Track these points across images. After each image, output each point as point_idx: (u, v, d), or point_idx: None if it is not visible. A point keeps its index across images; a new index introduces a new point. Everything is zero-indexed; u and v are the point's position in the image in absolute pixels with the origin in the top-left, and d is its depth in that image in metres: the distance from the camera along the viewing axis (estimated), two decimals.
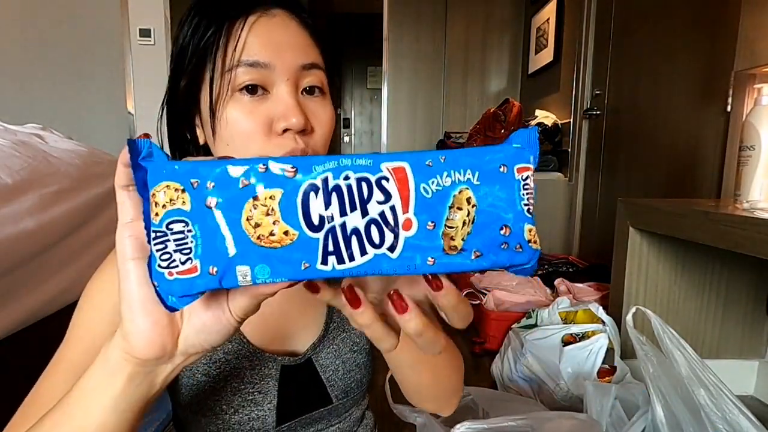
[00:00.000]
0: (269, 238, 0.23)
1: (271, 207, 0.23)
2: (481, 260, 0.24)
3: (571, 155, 2.70)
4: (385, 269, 0.24)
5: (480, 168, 0.24)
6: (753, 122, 1.07)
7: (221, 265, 0.23)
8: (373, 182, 0.23)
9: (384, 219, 0.23)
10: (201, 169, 0.24)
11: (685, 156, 1.78)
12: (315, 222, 0.23)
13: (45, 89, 2.86)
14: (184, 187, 0.23)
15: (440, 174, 0.24)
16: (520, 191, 0.25)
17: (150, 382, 0.30)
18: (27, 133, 1.36)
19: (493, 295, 1.81)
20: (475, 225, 0.24)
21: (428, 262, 0.24)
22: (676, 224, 1.10)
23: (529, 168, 0.25)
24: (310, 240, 0.23)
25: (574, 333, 1.31)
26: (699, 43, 1.69)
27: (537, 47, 3.34)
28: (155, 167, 0.24)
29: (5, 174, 1.01)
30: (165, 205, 0.23)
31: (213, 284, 0.24)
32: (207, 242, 0.23)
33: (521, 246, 0.25)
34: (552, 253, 2.72)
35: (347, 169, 0.23)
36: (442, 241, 0.24)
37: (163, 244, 0.24)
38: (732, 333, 1.37)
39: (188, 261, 0.23)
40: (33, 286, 1.00)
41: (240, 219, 0.23)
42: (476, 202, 0.24)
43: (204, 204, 0.23)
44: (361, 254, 0.23)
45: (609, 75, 2.38)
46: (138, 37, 2.80)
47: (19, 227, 0.96)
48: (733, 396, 0.70)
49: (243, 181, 0.23)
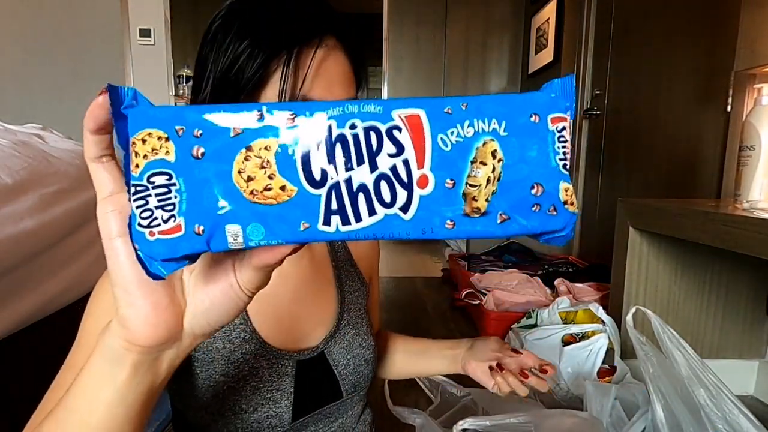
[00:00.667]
0: (264, 193, 0.20)
1: (267, 159, 0.20)
2: (508, 224, 0.21)
3: (571, 155, 2.69)
4: (397, 232, 0.21)
5: (508, 117, 0.21)
6: (753, 122, 1.07)
7: (208, 223, 0.21)
8: (383, 132, 0.20)
9: (396, 174, 0.20)
10: (188, 114, 0.21)
11: (685, 156, 1.78)
12: (316, 177, 0.20)
13: (45, 89, 2.86)
14: (168, 134, 0.20)
15: (461, 123, 0.21)
16: (554, 144, 0.21)
17: (156, 369, 0.27)
18: (27, 133, 1.36)
19: (493, 295, 1.81)
20: (501, 183, 0.21)
21: (447, 226, 0.21)
22: (676, 224, 1.10)
23: (564, 119, 0.22)
24: (311, 197, 0.20)
25: (574, 333, 1.31)
26: (699, 43, 1.70)
27: (537, 47, 3.34)
28: (136, 113, 0.21)
29: (5, 174, 1.01)
30: (146, 155, 0.20)
31: (200, 246, 0.21)
32: (192, 197, 0.21)
33: (555, 208, 0.21)
34: (552, 253, 2.72)
35: (354, 117, 0.20)
36: (463, 202, 0.21)
37: (143, 200, 0.21)
38: (732, 333, 1.37)
39: (171, 219, 0.21)
40: (33, 286, 1.00)
41: (231, 171, 0.20)
42: (503, 156, 0.21)
43: (190, 154, 0.20)
44: (369, 214, 0.20)
45: (609, 75, 2.38)
46: (138, 37, 2.80)
47: (19, 227, 0.96)
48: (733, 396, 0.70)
49: (235, 129, 0.20)
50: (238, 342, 0.51)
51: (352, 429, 0.61)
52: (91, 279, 1.25)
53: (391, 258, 3.40)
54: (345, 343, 0.57)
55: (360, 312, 0.61)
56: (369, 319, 0.63)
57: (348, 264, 0.63)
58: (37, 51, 2.84)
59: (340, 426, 0.59)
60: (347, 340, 0.58)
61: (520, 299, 1.78)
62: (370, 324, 0.63)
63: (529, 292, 1.86)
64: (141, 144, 0.21)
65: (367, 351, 0.59)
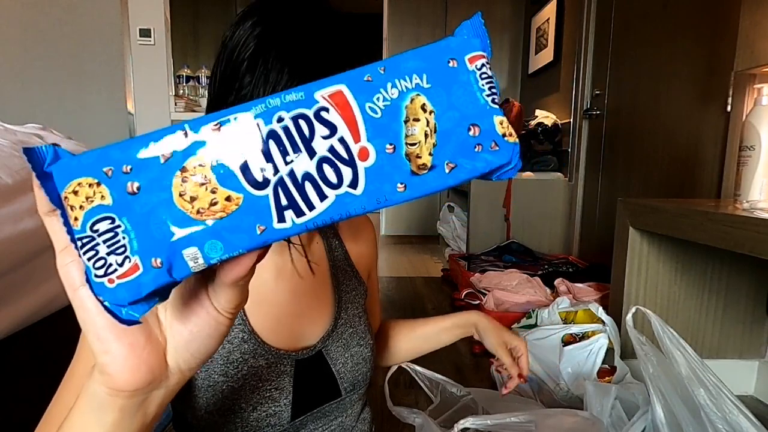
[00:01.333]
0: (210, 209, 0.20)
1: (204, 175, 0.20)
2: (457, 171, 0.21)
3: (571, 155, 2.70)
4: (353, 209, 0.21)
5: (427, 69, 0.21)
6: (753, 122, 1.07)
7: (164, 254, 0.20)
8: (311, 116, 0.20)
9: (335, 154, 0.20)
10: (111, 153, 0.20)
11: (685, 156, 1.78)
12: (258, 178, 0.20)
13: (45, 89, 2.86)
14: (98, 179, 0.20)
15: (384, 87, 0.21)
16: (478, 83, 0.21)
17: (144, 411, 0.26)
18: (27, 133, 1.36)
19: (493, 295, 1.82)
20: (439, 133, 0.21)
21: (399, 189, 0.21)
22: (676, 224, 1.10)
23: (481, 56, 0.22)
24: (259, 199, 0.20)
25: (574, 333, 1.31)
26: (699, 43, 1.70)
27: (537, 47, 3.34)
28: (59, 168, 0.20)
29: (5, 174, 1.01)
30: (82, 206, 0.20)
31: (162, 278, 0.20)
32: (141, 233, 0.20)
33: (497, 143, 0.21)
34: (552, 253, 2.72)
35: (278, 110, 0.20)
36: (408, 162, 0.21)
37: (93, 251, 0.20)
38: (732, 333, 1.37)
39: (126, 260, 0.20)
40: (33, 286, 1.00)
41: (171, 198, 0.20)
42: (432, 107, 0.21)
43: (125, 192, 0.20)
44: (320, 200, 0.20)
45: (609, 75, 2.38)
46: (138, 37, 2.80)
47: (19, 227, 0.96)
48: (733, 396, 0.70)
49: (163, 155, 0.20)
50: (237, 342, 0.51)
51: (351, 428, 0.61)
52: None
53: (391, 258, 3.40)
54: (343, 342, 0.58)
55: (357, 311, 0.62)
56: (367, 318, 0.63)
57: (345, 263, 0.64)
58: (37, 51, 2.84)
59: (339, 425, 0.59)
60: (345, 338, 0.58)
61: (520, 299, 1.78)
62: (368, 323, 0.63)
63: (529, 292, 1.86)
64: (74, 196, 0.20)
65: (365, 349, 0.59)
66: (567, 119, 2.76)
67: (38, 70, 2.85)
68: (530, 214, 2.73)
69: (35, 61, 2.84)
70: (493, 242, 2.72)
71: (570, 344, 1.29)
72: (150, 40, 2.80)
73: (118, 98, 2.87)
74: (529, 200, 2.71)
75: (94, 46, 2.87)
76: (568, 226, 2.75)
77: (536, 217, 2.74)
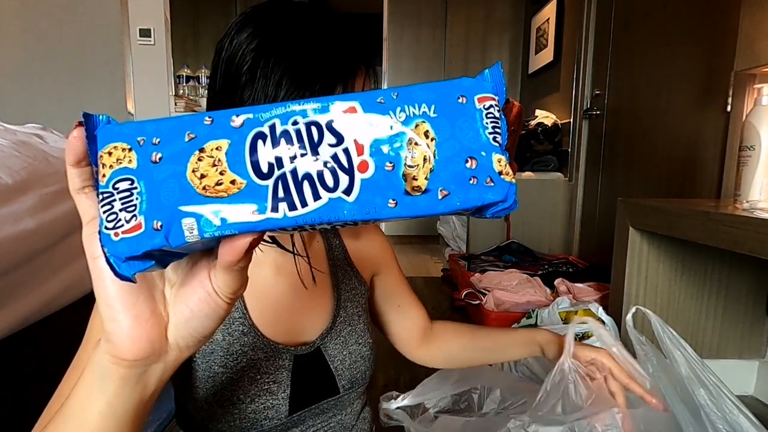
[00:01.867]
0: (215, 188, 0.22)
1: (218, 158, 0.22)
2: (449, 199, 0.22)
3: (571, 155, 2.70)
4: (342, 214, 0.22)
5: (437, 101, 0.23)
6: (753, 122, 1.07)
7: (165, 218, 0.22)
8: (323, 125, 0.22)
9: (337, 162, 0.22)
10: (147, 126, 0.23)
11: (685, 156, 1.78)
12: (264, 170, 0.22)
13: (45, 89, 2.86)
14: (131, 145, 0.23)
15: (393, 110, 0.22)
16: (482, 120, 0.23)
17: (144, 383, 0.28)
18: (27, 133, 1.36)
19: (493, 295, 1.82)
20: (438, 161, 0.22)
21: (390, 204, 0.22)
22: (676, 224, 1.10)
23: (492, 98, 0.23)
24: (259, 187, 0.22)
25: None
26: (699, 43, 1.70)
27: (537, 47, 3.34)
28: (103, 132, 0.23)
29: (5, 174, 1.01)
30: (112, 166, 0.23)
31: (159, 241, 0.22)
32: (152, 197, 0.22)
33: (492, 179, 0.22)
34: (552, 253, 2.73)
35: (296, 115, 0.22)
36: (403, 182, 0.22)
37: (109, 205, 0.23)
38: (732, 333, 1.37)
39: (133, 218, 0.22)
40: (33, 286, 1.00)
41: (185, 171, 0.22)
42: (435, 135, 0.22)
43: (150, 160, 0.22)
44: (314, 199, 0.22)
45: (609, 75, 2.38)
46: (138, 37, 2.80)
47: (19, 227, 0.96)
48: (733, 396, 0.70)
49: (189, 134, 0.23)
50: (237, 334, 0.52)
51: (351, 426, 0.62)
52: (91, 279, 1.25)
53: None
54: (341, 340, 0.59)
55: (357, 310, 0.62)
56: (367, 318, 0.64)
57: (345, 263, 0.64)
58: (37, 51, 2.84)
59: (338, 422, 0.60)
60: (343, 336, 0.59)
61: (520, 299, 1.78)
62: (368, 322, 0.64)
63: (529, 292, 1.86)
64: (107, 156, 0.23)
65: (363, 348, 0.60)
66: (567, 119, 2.76)
67: (38, 70, 2.85)
68: (530, 214, 2.73)
69: (35, 61, 2.84)
70: (493, 242, 2.72)
71: None
72: (150, 40, 2.80)
73: (118, 98, 2.87)
74: (529, 200, 2.71)
75: (94, 46, 2.87)
76: (568, 226, 2.76)
77: (536, 217, 2.74)
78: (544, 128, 2.84)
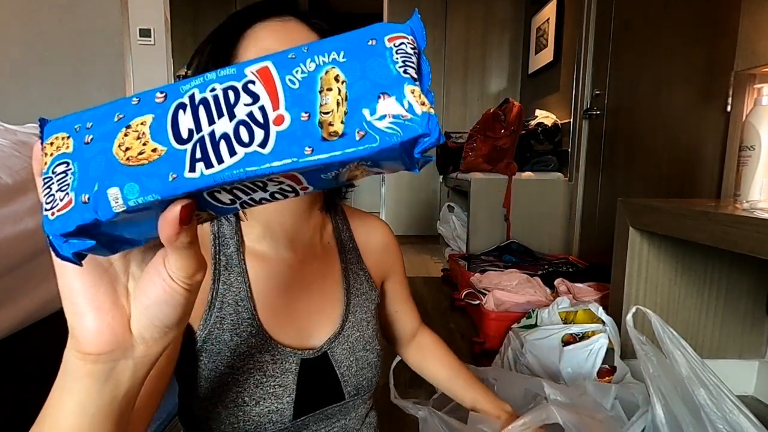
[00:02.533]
0: (138, 157, 0.23)
1: (142, 131, 0.23)
2: (367, 139, 0.21)
3: (571, 155, 2.70)
4: (259, 167, 0.22)
5: (346, 47, 0.23)
6: (753, 122, 1.07)
7: (92, 191, 0.23)
8: (239, 88, 0.23)
9: (253, 118, 0.22)
10: (84, 114, 0.24)
11: (685, 156, 1.78)
12: (184, 136, 0.23)
13: (45, 89, 2.86)
14: (69, 133, 0.24)
15: (304, 62, 0.23)
16: (392, 56, 0.22)
17: (115, 381, 0.27)
18: (27, 133, 1.36)
19: (492, 295, 1.81)
20: (349, 101, 0.22)
21: (306, 152, 0.21)
22: (676, 224, 1.10)
23: (403, 36, 0.23)
24: (178, 152, 0.22)
25: (574, 333, 1.31)
26: (699, 43, 1.70)
27: (537, 47, 3.34)
28: (49, 127, 0.25)
29: (5, 174, 1.01)
30: (52, 154, 0.24)
31: (88, 214, 0.23)
32: (82, 175, 0.23)
33: (410, 115, 0.21)
34: (552, 253, 2.73)
35: (213, 82, 0.23)
36: (320, 129, 0.22)
37: (48, 188, 0.24)
38: (732, 333, 1.37)
39: (65, 196, 0.23)
40: (33, 286, 1.00)
41: (112, 147, 0.23)
42: (345, 78, 0.22)
43: (83, 142, 0.24)
44: (230, 155, 0.22)
45: (609, 75, 2.38)
46: (138, 37, 2.79)
47: (19, 227, 0.96)
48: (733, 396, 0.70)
49: (118, 115, 0.24)
50: (245, 336, 0.52)
51: (355, 431, 0.61)
52: None
53: None
54: (348, 345, 0.58)
55: (366, 315, 0.62)
56: (376, 323, 0.63)
57: (357, 267, 0.64)
58: (37, 51, 2.84)
59: (342, 427, 0.59)
60: (351, 342, 0.58)
61: (520, 299, 1.78)
62: (377, 329, 0.63)
63: (529, 292, 1.86)
64: (49, 146, 0.24)
65: (371, 354, 0.60)
66: (567, 119, 2.76)
67: (38, 69, 2.85)
68: (530, 214, 2.73)
69: (35, 61, 2.84)
70: (493, 242, 2.72)
71: (570, 344, 1.29)
72: (150, 40, 2.80)
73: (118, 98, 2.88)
74: (529, 200, 2.71)
75: (94, 46, 2.87)
76: (568, 226, 2.75)
77: (536, 217, 2.74)
78: (544, 128, 2.84)
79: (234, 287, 0.53)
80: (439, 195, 3.81)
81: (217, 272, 0.52)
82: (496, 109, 2.80)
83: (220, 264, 0.53)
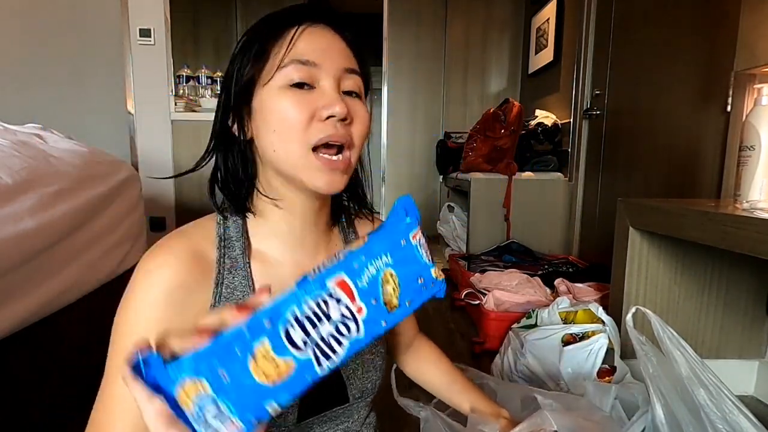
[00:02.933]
0: (274, 372, 0.31)
1: (265, 354, 0.31)
2: (413, 304, 0.36)
3: (571, 155, 2.70)
4: (360, 345, 0.33)
5: (390, 250, 0.35)
6: (753, 122, 1.07)
7: (255, 413, 0.31)
8: (326, 297, 0.32)
9: (344, 316, 0.33)
10: (203, 356, 0.31)
11: (685, 156, 1.78)
12: (300, 346, 0.32)
13: (45, 89, 2.86)
14: (198, 377, 0.30)
15: (366, 267, 0.34)
16: (419, 250, 0.36)
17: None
18: (27, 133, 1.36)
19: (492, 295, 1.81)
20: (401, 286, 0.35)
21: (383, 324, 0.34)
22: (676, 224, 1.10)
23: (418, 231, 0.37)
24: (303, 359, 0.32)
25: (574, 333, 1.31)
26: (699, 43, 1.70)
27: (537, 47, 3.34)
28: (166, 375, 0.30)
29: (5, 174, 1.01)
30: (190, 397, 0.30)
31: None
32: (235, 402, 0.30)
33: (433, 283, 0.37)
34: (552, 253, 2.73)
35: (305, 296, 0.32)
36: (385, 307, 0.34)
37: (205, 423, 0.30)
38: (732, 333, 1.37)
39: (227, 420, 0.30)
40: (33, 286, 1.00)
41: (249, 371, 0.30)
42: (395, 273, 0.35)
43: (220, 379, 0.30)
44: (339, 345, 0.33)
45: (609, 75, 2.38)
46: (138, 37, 2.79)
47: (19, 227, 0.96)
48: (733, 396, 0.70)
49: (237, 350, 0.30)
50: None
51: None
52: (91, 279, 1.25)
53: None
54: None
55: None
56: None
57: None
58: (37, 51, 2.84)
59: (345, 430, 0.59)
60: None
61: (520, 299, 1.78)
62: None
63: (529, 292, 1.86)
64: (181, 393, 0.30)
65: (376, 357, 0.60)
66: (567, 119, 2.76)
67: (38, 70, 2.84)
68: (530, 214, 2.73)
69: (35, 61, 2.84)
70: (493, 242, 2.72)
71: (570, 344, 1.29)
72: (150, 40, 2.80)
73: (118, 98, 2.87)
74: (529, 200, 2.71)
75: (94, 46, 2.87)
76: (568, 226, 2.75)
77: (536, 217, 2.74)
78: (544, 128, 2.84)
79: (238, 290, 0.52)
80: (439, 195, 3.81)
81: (221, 275, 0.52)
82: (496, 109, 2.80)
83: (225, 267, 0.52)
